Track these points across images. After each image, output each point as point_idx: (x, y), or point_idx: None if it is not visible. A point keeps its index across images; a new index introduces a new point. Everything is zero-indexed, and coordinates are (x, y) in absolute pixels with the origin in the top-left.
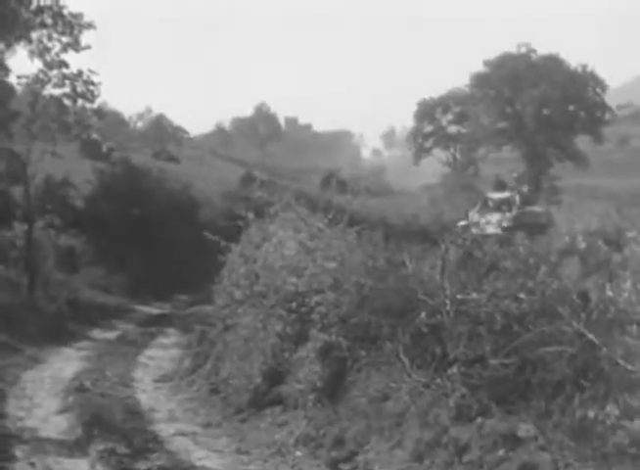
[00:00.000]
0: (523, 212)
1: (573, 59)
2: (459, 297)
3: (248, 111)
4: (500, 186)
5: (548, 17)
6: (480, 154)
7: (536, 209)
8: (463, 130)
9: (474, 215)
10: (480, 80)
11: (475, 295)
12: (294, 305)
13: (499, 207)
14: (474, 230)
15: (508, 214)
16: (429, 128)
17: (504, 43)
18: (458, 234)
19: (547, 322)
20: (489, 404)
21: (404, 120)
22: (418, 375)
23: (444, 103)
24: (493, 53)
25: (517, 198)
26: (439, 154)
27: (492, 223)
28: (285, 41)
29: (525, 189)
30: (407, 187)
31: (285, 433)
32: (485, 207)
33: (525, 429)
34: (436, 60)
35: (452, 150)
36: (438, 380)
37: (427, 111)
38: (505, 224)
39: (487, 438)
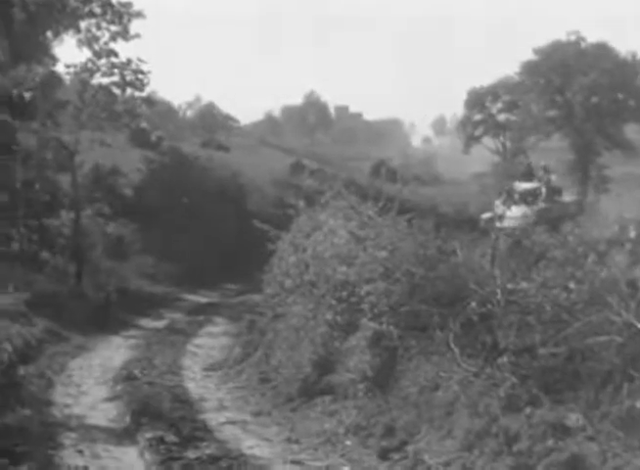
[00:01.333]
0: (549, 206)
1: (623, 47)
2: (509, 286)
3: (298, 99)
4: (528, 176)
5: (597, 3)
6: (530, 142)
7: (565, 198)
8: (513, 119)
9: (498, 207)
10: (529, 68)
11: (524, 284)
12: (344, 294)
13: (525, 198)
14: (497, 224)
15: (534, 207)
16: (479, 117)
17: (554, 31)
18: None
19: (596, 312)
20: (539, 394)
21: (455, 108)
22: (468, 364)
23: (494, 91)
24: (544, 41)
25: (543, 190)
26: (489, 142)
27: (516, 217)
28: (335, 31)
29: (553, 179)
30: (457, 176)
31: (335, 422)
32: (510, 198)
33: (573, 419)
34: (487, 47)
35: (502, 138)
36: (488, 369)
37: (477, 99)
38: (530, 219)
39: (537, 427)
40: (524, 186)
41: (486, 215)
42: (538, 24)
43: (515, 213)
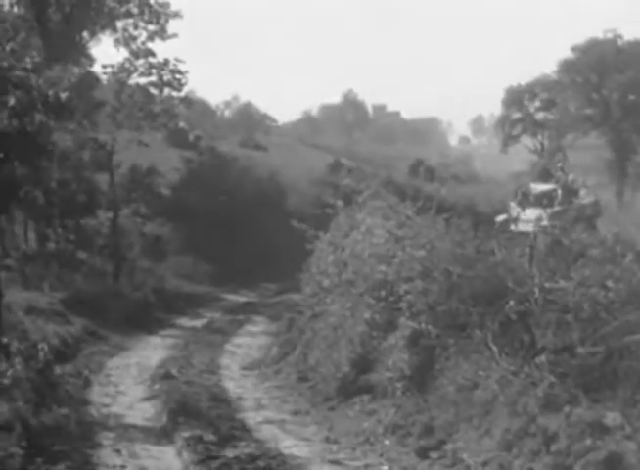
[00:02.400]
0: (564, 208)
1: None
2: (547, 285)
3: (336, 98)
4: (545, 176)
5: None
6: (568, 141)
7: (583, 200)
8: (550, 117)
9: (514, 209)
10: (567, 67)
11: (563, 283)
12: (382, 293)
13: (540, 200)
14: (512, 227)
15: (548, 211)
16: (517, 115)
17: (593, 28)
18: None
19: (634, 310)
20: (577, 393)
21: (493, 107)
22: (506, 363)
23: (532, 90)
24: (582, 38)
25: (559, 192)
26: (527, 141)
27: (530, 221)
28: (374, 30)
29: (570, 179)
30: (495, 175)
31: (373, 421)
32: (526, 199)
33: (611, 418)
34: (525, 46)
35: (540, 137)
36: (527, 368)
37: (515, 97)
38: (544, 223)
39: (575, 427)
40: (540, 188)
41: (501, 218)
42: (578, 22)
43: (529, 216)
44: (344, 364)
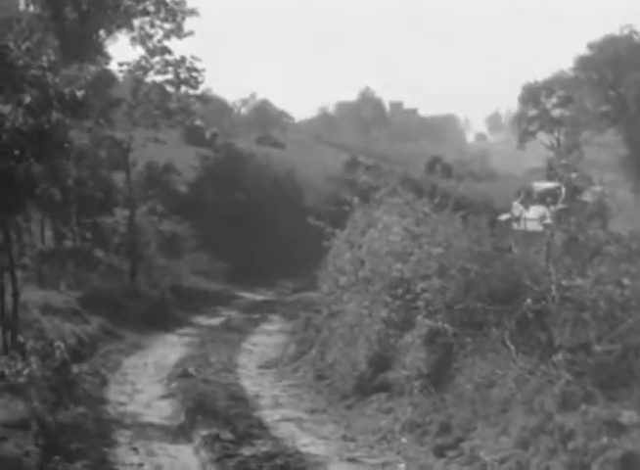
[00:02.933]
0: (568, 206)
1: None
2: (564, 282)
3: (352, 95)
4: (550, 174)
5: None
6: (584, 137)
7: (587, 197)
8: (567, 114)
9: (517, 208)
10: (583, 63)
11: (579, 281)
12: (399, 291)
13: (544, 198)
14: (515, 226)
15: (552, 208)
16: (533, 112)
17: (610, 24)
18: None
19: None
20: (593, 391)
21: (509, 104)
22: (523, 362)
23: (549, 86)
24: (599, 35)
25: (562, 189)
26: (544, 137)
27: (534, 219)
28: (390, 27)
29: (573, 177)
30: (512, 171)
31: (391, 419)
32: (529, 198)
33: (628, 416)
34: (542, 42)
35: (556, 134)
36: (544, 367)
37: (532, 94)
38: (547, 221)
39: (591, 425)
40: (543, 185)
41: (504, 217)
42: (594, 18)
43: (532, 215)
44: (362, 362)
